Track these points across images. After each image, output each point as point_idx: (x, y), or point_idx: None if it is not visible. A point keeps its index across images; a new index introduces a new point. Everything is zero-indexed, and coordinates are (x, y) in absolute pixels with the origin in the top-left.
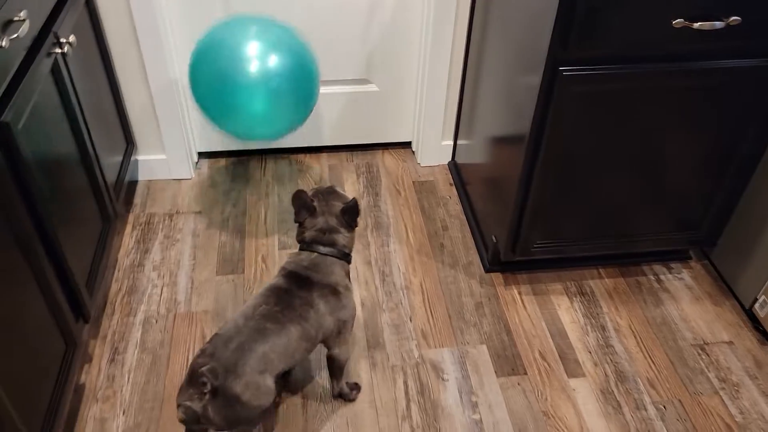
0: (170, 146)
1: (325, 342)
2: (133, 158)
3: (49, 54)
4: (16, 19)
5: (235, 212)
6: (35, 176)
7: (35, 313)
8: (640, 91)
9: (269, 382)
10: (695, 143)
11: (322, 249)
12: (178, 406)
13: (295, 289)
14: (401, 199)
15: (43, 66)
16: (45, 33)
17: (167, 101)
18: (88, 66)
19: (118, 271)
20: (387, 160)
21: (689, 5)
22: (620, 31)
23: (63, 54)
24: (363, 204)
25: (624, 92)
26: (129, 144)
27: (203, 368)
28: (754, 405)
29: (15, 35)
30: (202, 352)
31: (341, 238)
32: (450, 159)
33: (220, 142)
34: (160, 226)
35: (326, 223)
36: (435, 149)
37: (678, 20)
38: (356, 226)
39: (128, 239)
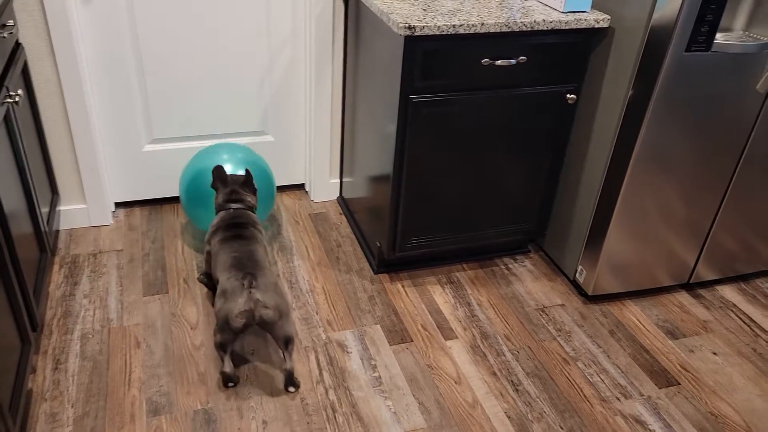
0: (91, 196)
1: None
2: (57, 208)
3: (2, 104)
4: None
5: (155, 247)
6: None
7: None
8: (469, 112)
9: (274, 276)
10: (516, 152)
11: (234, 205)
12: (236, 316)
13: (240, 230)
14: (300, 227)
15: None
16: None
17: (88, 155)
18: (24, 121)
19: (51, 301)
20: (285, 200)
21: (491, 50)
22: (448, 69)
23: (15, 104)
24: (268, 234)
25: (459, 113)
26: (54, 194)
27: (244, 280)
28: (582, 344)
29: None
30: (233, 278)
31: (247, 197)
32: (338, 195)
33: (135, 192)
34: (86, 264)
35: (234, 190)
36: (325, 187)
37: (485, 60)
38: (255, 190)
39: (57, 276)
